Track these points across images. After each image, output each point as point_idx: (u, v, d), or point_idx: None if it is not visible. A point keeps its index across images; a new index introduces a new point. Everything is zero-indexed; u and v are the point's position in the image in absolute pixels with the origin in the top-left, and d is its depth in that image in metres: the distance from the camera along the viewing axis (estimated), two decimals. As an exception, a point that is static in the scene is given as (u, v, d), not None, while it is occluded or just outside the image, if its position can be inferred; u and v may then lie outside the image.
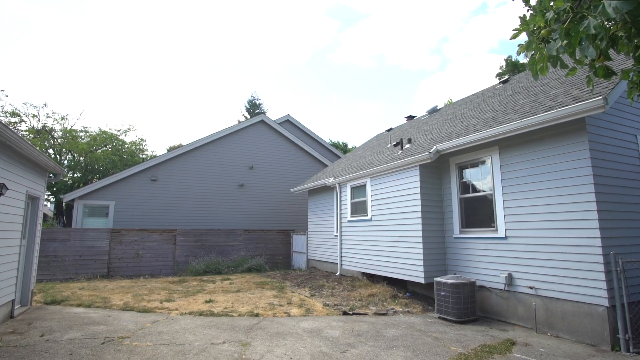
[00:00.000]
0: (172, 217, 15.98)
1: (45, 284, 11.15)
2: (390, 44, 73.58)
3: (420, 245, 8.00)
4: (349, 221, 11.09)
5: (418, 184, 8.25)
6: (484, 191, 7.53)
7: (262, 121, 18.50)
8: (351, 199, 11.10)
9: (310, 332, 5.99)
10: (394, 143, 11.57)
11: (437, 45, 77.98)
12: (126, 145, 27.72)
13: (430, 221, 8.18)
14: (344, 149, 39.43)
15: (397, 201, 8.91)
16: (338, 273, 11.61)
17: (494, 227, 7.18)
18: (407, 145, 10.12)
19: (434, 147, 7.99)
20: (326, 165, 18.92)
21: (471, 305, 6.81)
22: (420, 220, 8.09)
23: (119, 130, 28.37)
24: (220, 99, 72.60)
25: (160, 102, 61.34)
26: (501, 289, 6.89)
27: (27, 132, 24.21)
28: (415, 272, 8.14)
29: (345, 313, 7.24)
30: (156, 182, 15.98)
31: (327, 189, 13.45)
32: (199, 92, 69.26)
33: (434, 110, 14.29)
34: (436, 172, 8.54)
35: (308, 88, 77.89)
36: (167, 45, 62.84)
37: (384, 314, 7.25)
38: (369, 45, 72.79)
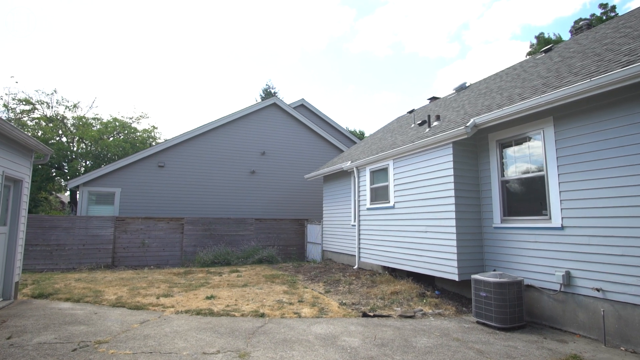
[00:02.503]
0: (180, 205, 15.19)
1: (44, 274, 10.50)
2: (408, 31, 71.05)
3: (454, 237, 6.83)
4: (368, 209, 9.97)
5: (451, 164, 7.04)
6: (532, 172, 6.28)
7: (274, 104, 17.42)
8: (371, 184, 9.96)
9: (324, 339, 4.96)
10: (419, 122, 10.32)
11: (457, 32, 74.93)
12: (138, 133, 27.19)
13: (465, 208, 6.98)
14: (360, 136, 38.08)
15: (425, 185, 7.72)
16: (356, 266, 10.54)
17: (545, 215, 5.95)
18: (436, 123, 8.87)
19: (471, 120, 6.74)
20: (342, 151, 17.76)
21: (518, 309, 5.64)
22: (453, 207, 6.90)
23: (131, 118, 27.87)
24: (235, 88, 71.91)
25: (175, 91, 61.04)
26: (555, 290, 5.68)
27: (39, 120, 23.89)
28: (446, 268, 6.99)
29: (365, 315, 6.17)
30: (163, 168, 15.18)
31: (343, 175, 12.33)
32: (213, 82, 68.68)
33: (462, 88, 12.89)
34: (472, 150, 7.30)
35: (324, 78, 76.30)
36: (183, 33, 62.26)
37: (410, 317, 6.15)
38: (386, 34, 70.50)
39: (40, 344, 4.61)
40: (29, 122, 23.88)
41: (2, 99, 24.91)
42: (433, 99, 14.96)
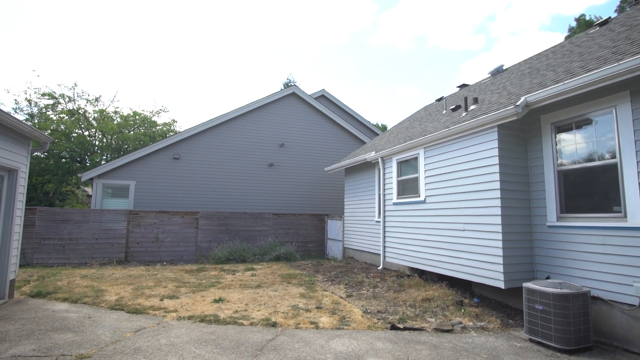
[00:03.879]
0: (195, 199, 14.63)
1: (52, 270, 10.09)
2: (431, 24, 68.53)
3: (499, 236, 5.80)
4: (394, 204, 9.00)
5: (496, 151, 5.98)
6: (600, 159, 5.17)
7: (293, 94, 16.58)
8: (398, 177, 8.97)
9: (346, 359, 4.09)
10: (452, 107, 9.23)
11: (482, 24, 71.80)
12: (158, 127, 27.02)
13: (512, 203, 5.93)
14: (384, 130, 36.83)
15: (463, 177, 6.70)
16: (380, 266, 9.60)
17: (619, 212, 4.85)
18: (473, 107, 7.79)
19: (522, 99, 5.66)
20: (365, 143, 16.76)
21: (584, 326, 4.59)
22: (499, 202, 5.86)
23: (151, 112, 27.74)
24: (256, 84, 71.64)
25: (196, 86, 61.25)
26: (633, 305, 4.59)
27: (62, 114, 23.98)
28: (489, 273, 5.97)
29: (394, 327, 5.26)
30: (179, 160, 14.64)
31: (367, 167, 11.37)
32: (234, 77, 68.60)
33: (498, 71, 11.64)
34: (520, 136, 6.22)
35: (345, 72, 74.87)
36: (205, 28, 62.33)
37: (448, 331, 5.19)
38: (409, 27, 68.23)
39: (13, 358, 3.94)
40: (52, 117, 24.02)
41: (25, 92, 25.19)
42: (463, 86, 13.75)
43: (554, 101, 5.41)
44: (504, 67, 11.71)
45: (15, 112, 23.26)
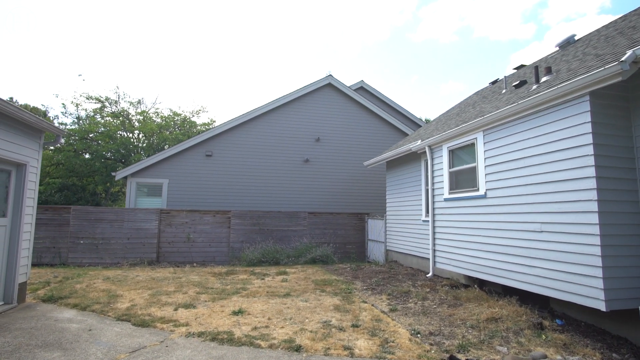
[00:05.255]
0: (227, 197, 14.01)
1: (80, 270, 9.78)
2: (476, 15, 64.30)
3: (597, 240, 4.33)
4: (445, 200, 7.65)
5: (589, 127, 4.52)
6: None
7: (329, 84, 15.51)
8: (449, 167, 7.61)
9: (389, 411, 2.93)
10: (516, 83, 7.68)
11: (533, 11, 66.36)
12: (197, 127, 27.15)
13: (613, 195, 4.44)
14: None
15: (539, 163, 5.26)
16: (430, 273, 8.25)
17: None
18: (546, 78, 6.26)
19: (629, 52, 4.16)
20: (408, 135, 15.32)
21: None
22: (594, 194, 4.40)
23: (190, 112, 27.98)
24: (294, 84, 71.52)
25: (235, 87, 62.02)
26: None
27: (107, 117, 24.68)
28: (580, 289, 4.52)
29: (453, 358, 4.01)
30: (211, 157, 14.10)
31: (411, 159, 10.04)
32: (272, 77, 68.83)
33: (569, 42, 9.79)
34: (621, 106, 4.70)
35: (385, 70, 72.52)
36: (244, 30, 63.08)
37: (529, 367, 3.85)
38: (451, 19, 64.46)
39: (-26, 387, 3.21)
40: (100, 120, 24.79)
41: (73, 97, 26.27)
42: (520, 66, 11.92)
43: (680, 52, 3.88)
44: (576, 38, 9.87)
45: (64, 115, 24.28)
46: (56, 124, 23.69)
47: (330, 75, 15.41)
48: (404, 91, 69.92)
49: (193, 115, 27.63)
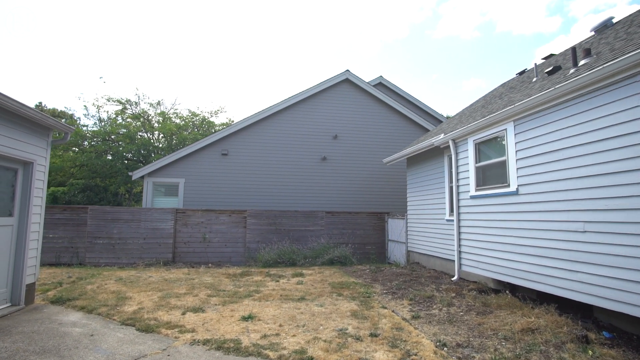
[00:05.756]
0: (243, 197, 13.76)
1: (95, 270, 9.70)
2: (498, 9, 62.16)
3: (654, 242, 3.75)
4: (472, 197, 7.08)
5: (644, 110, 3.93)
6: None
7: (347, 80, 15.06)
8: (476, 162, 7.04)
9: None
10: (549, 69, 7.03)
11: (559, 3, 63.70)
12: (215, 127, 27.21)
13: (674, 190, 3.83)
14: (450, 121, 33.68)
15: (581, 154, 4.67)
16: (455, 277, 7.68)
17: None
18: (585, 61, 5.64)
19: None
20: (429, 131, 14.68)
21: None
22: (651, 188, 3.81)
23: (209, 112, 28.10)
24: (313, 83, 71.13)
25: (252, 87, 62.27)
26: None
27: (128, 119, 25.03)
28: (634, 297, 3.93)
29: (485, 376, 3.51)
30: (227, 156, 13.89)
31: (433, 154, 9.48)
32: (292, 77, 68.78)
33: (606, 26, 8.98)
34: (681, 87, 4.07)
35: (405, 68, 71.08)
36: (261, 29, 63.32)
37: (577, 389, 3.31)
38: (472, 15, 62.55)
39: (-44, 400, 2.96)
40: (121, 121, 25.17)
41: (96, 100, 26.80)
42: (549, 56, 11.14)
43: None
44: (614, 20, 9.06)
45: (86, 117, 24.79)
46: (80, 126, 24.22)
47: (348, 70, 14.95)
48: (424, 89, 68.53)
49: (212, 116, 27.75)
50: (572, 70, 5.57)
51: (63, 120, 26.97)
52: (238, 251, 12.06)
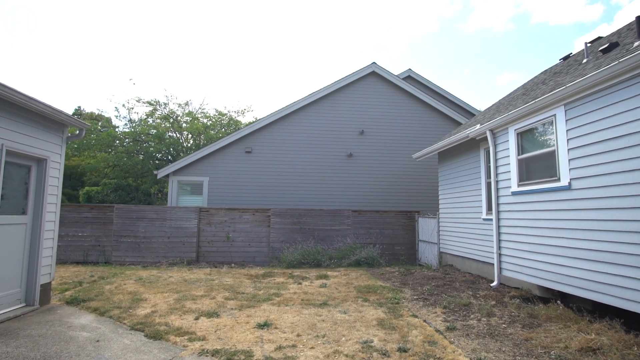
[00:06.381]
0: (267, 195, 13.45)
1: (119, 269, 9.68)
2: None
3: None
4: (513, 193, 6.34)
5: None
6: None
7: (373, 73, 14.41)
8: (518, 154, 6.29)
9: None
10: (604, 47, 6.16)
11: None
12: (241, 126, 27.23)
13: None
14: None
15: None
16: (495, 282, 6.93)
17: None
18: (653, 33, 4.79)
19: None
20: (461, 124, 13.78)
21: None
22: None
23: (236, 112, 28.17)
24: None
25: (280, 87, 62.37)
26: None
27: (158, 120, 25.50)
28: None
29: (540, 409, 2.87)
30: (251, 153, 13.63)
31: (468, 148, 8.73)
32: (318, 76, 68.41)
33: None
34: None
35: (435, 63, 68.78)
36: (287, 28, 63.35)
37: None
38: (506, 6, 59.48)
39: None
40: (151, 122, 25.69)
41: (128, 102, 27.50)
42: (597, 39, 10.01)
43: None
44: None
45: (117, 118, 25.46)
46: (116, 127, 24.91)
47: (374, 63, 14.30)
48: (456, 85, 66.15)
49: (238, 115, 27.80)
50: (636, 43, 4.74)
51: (99, 123, 27.91)
52: (262, 251, 11.74)
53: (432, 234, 10.85)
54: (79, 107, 35.26)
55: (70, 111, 36.85)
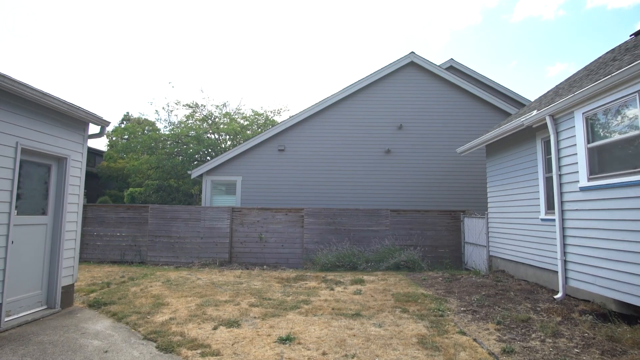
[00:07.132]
0: (301, 194, 12.96)
1: (151, 269, 9.62)
2: None
3: None
4: (582, 189, 5.33)
5: None
6: None
7: (411, 63, 13.48)
8: (587, 142, 5.27)
9: None
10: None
11: None
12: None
13: None
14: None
15: None
16: (560, 294, 5.90)
17: None
18: None
19: None
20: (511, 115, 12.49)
21: None
22: None
23: (272, 111, 28.11)
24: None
25: (317, 86, 62.04)
26: None
27: (197, 121, 25.98)
28: None
29: None
30: (284, 152, 13.23)
31: (522, 138, 7.69)
32: (357, 74, 67.41)
33: None
34: None
35: (479, 56, 65.32)
36: (326, 25, 62.97)
37: None
38: None
39: None
40: (191, 124, 26.24)
41: (168, 105, 28.27)
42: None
43: None
44: None
45: (157, 121, 26.23)
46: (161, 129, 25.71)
47: (413, 52, 13.38)
48: (503, 77, 62.52)
49: (274, 115, 27.71)
50: None
51: (146, 127, 28.94)
52: (295, 252, 11.27)
53: (480, 236, 9.81)
54: (127, 112, 36.98)
55: (119, 117, 38.72)
